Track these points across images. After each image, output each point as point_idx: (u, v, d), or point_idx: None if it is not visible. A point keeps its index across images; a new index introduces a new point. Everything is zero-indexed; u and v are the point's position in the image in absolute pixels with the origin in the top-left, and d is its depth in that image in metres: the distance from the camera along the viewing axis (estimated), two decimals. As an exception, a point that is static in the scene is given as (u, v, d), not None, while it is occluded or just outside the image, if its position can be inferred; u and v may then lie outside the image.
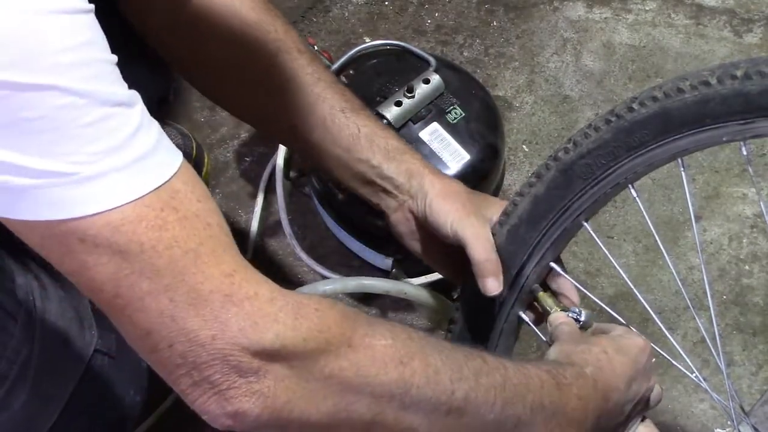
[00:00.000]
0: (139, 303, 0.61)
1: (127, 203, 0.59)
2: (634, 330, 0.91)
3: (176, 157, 0.63)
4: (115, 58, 0.61)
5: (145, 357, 0.64)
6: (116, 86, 0.60)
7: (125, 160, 0.59)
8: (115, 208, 0.59)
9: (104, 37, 0.60)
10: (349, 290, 1.12)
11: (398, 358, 0.69)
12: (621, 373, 0.83)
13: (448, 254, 0.95)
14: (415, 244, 0.99)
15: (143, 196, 0.60)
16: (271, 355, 0.63)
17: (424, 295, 1.12)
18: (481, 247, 0.90)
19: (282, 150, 1.37)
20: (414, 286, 1.13)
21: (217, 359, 0.62)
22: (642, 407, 0.87)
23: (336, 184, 1.24)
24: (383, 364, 0.68)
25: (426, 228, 0.96)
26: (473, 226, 0.91)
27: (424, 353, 0.71)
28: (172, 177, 0.61)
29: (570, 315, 0.90)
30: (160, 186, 0.61)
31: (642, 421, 0.88)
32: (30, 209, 0.58)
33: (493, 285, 0.89)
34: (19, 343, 0.86)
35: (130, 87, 0.61)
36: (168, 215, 0.61)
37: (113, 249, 0.59)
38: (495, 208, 0.94)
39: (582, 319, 0.90)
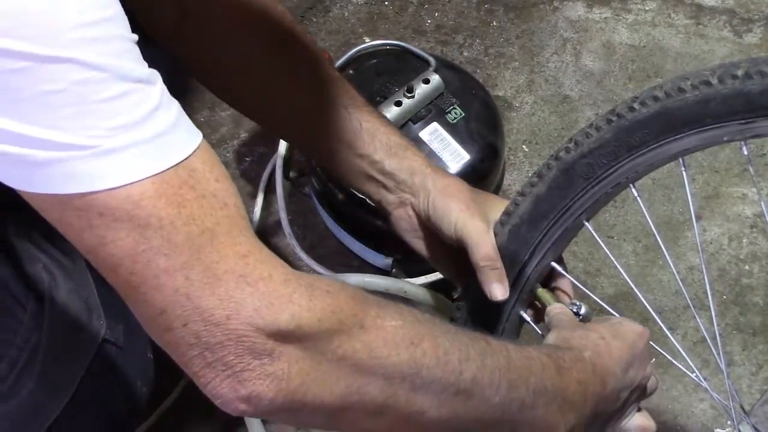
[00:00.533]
0: (155, 281, 0.61)
1: (147, 177, 0.59)
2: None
3: (196, 136, 0.63)
4: (135, 37, 0.61)
5: (158, 338, 0.63)
6: (137, 63, 0.60)
7: (145, 136, 0.59)
8: (136, 182, 0.59)
9: (125, 15, 0.60)
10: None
11: (409, 338, 0.69)
12: (618, 358, 0.83)
13: (450, 253, 0.95)
14: (416, 242, 0.99)
15: (163, 171, 0.60)
16: (285, 336, 0.63)
17: (424, 294, 1.12)
18: (485, 253, 0.90)
19: (282, 150, 1.37)
20: (414, 285, 1.13)
21: (231, 340, 0.61)
22: (638, 395, 0.87)
23: (337, 182, 1.24)
24: (395, 345, 0.68)
25: (428, 226, 0.96)
26: (477, 228, 0.91)
27: (432, 334, 0.71)
28: (191, 155, 0.61)
29: (570, 308, 0.91)
30: (179, 163, 0.60)
31: (638, 411, 0.88)
32: (50, 183, 0.58)
33: (498, 291, 0.89)
34: (28, 330, 0.86)
35: None
36: (186, 192, 0.61)
37: (133, 223, 0.59)
38: (499, 208, 0.94)
39: (582, 312, 0.90)
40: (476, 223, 0.91)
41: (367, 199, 1.00)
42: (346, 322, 0.66)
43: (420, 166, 0.96)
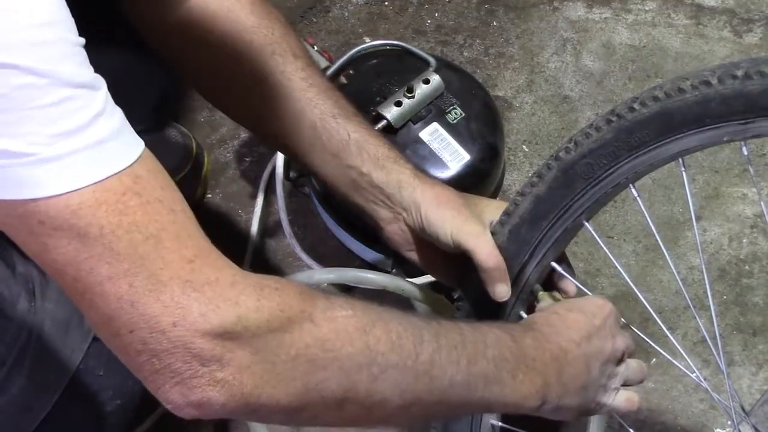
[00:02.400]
0: (99, 288, 0.61)
1: (86, 186, 0.59)
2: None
3: (139, 145, 0.63)
4: (82, 40, 0.60)
5: (107, 342, 0.63)
6: (80, 68, 0.60)
7: (86, 143, 0.59)
8: (74, 191, 0.59)
9: (71, 17, 0.60)
10: (346, 281, 1.12)
11: (361, 327, 0.69)
12: (574, 327, 0.82)
13: (448, 260, 0.95)
14: (412, 255, 0.99)
15: (103, 179, 0.59)
16: (234, 340, 0.62)
17: (421, 293, 1.12)
18: (487, 254, 0.89)
19: (282, 150, 1.37)
20: (411, 284, 1.13)
21: (178, 347, 0.61)
22: (614, 369, 0.85)
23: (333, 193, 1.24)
24: (347, 336, 0.68)
25: (423, 237, 0.95)
26: (474, 233, 0.91)
27: (384, 320, 0.71)
28: (134, 163, 0.61)
29: None
30: (122, 171, 0.60)
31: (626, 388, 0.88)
32: None
33: (503, 291, 0.89)
34: (18, 328, 0.86)
35: (131, 86, 0.61)
36: (129, 200, 0.61)
37: (72, 232, 0.59)
38: (490, 210, 0.94)
39: None
40: (472, 228, 0.91)
41: (360, 214, 1.00)
42: (295, 320, 0.65)
43: (408, 178, 0.95)
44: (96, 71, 0.62)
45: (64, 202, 0.59)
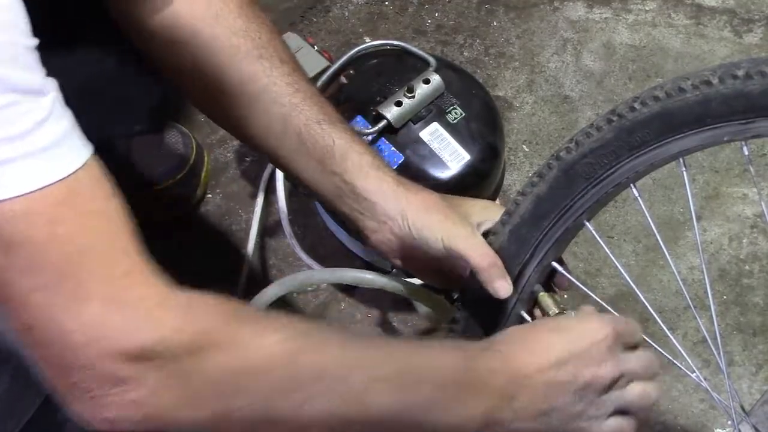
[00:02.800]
0: (20, 299, 0.60)
1: (20, 195, 0.58)
2: (615, 315, 0.87)
3: (83, 153, 0.62)
4: (34, 42, 0.59)
5: (24, 350, 0.63)
6: (28, 73, 0.59)
7: (25, 150, 0.58)
8: (6, 200, 0.58)
9: (24, 18, 0.59)
10: (346, 281, 1.12)
11: (290, 353, 0.68)
12: (544, 350, 0.79)
13: (439, 263, 0.95)
14: (401, 262, 0.98)
15: (41, 188, 0.59)
16: (150, 361, 0.62)
17: (421, 294, 1.12)
18: (480, 255, 0.89)
19: (282, 150, 1.37)
20: (411, 284, 1.13)
21: (90, 366, 0.61)
22: (600, 398, 0.81)
23: (318, 201, 1.23)
24: (273, 361, 0.67)
25: (411, 244, 0.94)
26: (465, 236, 0.90)
27: (319, 345, 0.70)
28: (75, 171, 0.60)
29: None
30: (62, 179, 0.60)
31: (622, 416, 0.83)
32: None
33: (503, 287, 0.88)
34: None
35: (130, 86, 0.61)
36: (63, 211, 0.60)
37: (1, 242, 0.58)
38: (476, 210, 0.93)
39: None
40: (461, 230, 0.90)
41: (346, 222, 0.99)
42: (220, 343, 0.65)
43: (391, 186, 0.94)
44: (95, 71, 0.62)
45: None
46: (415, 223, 0.92)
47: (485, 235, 0.92)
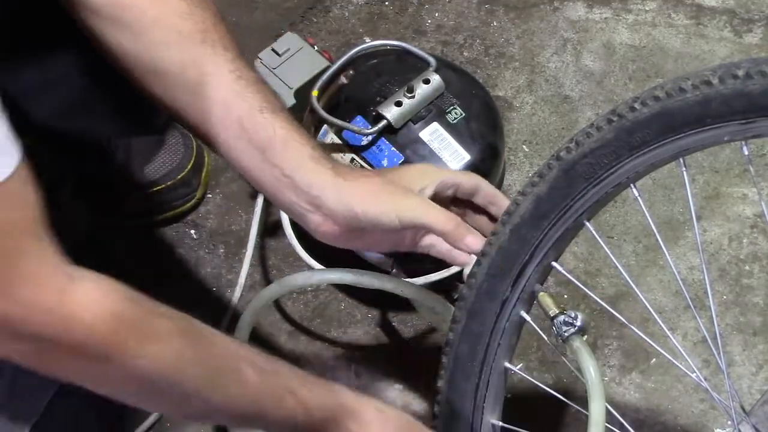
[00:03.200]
0: None
1: None
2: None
3: (12, 160, 0.64)
4: None
5: None
6: None
7: None
8: None
9: None
10: (346, 282, 1.12)
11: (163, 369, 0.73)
12: None
13: (392, 238, 0.96)
14: (349, 245, 0.99)
15: None
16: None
17: (421, 294, 1.12)
18: (442, 221, 0.89)
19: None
20: (411, 285, 1.13)
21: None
22: None
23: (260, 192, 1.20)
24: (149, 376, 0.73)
25: (360, 230, 0.94)
26: (418, 207, 0.91)
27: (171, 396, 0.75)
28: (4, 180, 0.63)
29: (566, 319, 0.90)
30: None
31: None
32: None
33: (473, 242, 0.89)
34: None
35: (131, 88, 0.61)
36: None
37: None
38: (415, 177, 0.94)
39: (578, 323, 0.90)
40: (412, 202, 0.91)
41: (289, 215, 0.98)
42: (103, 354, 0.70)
43: (330, 178, 0.93)
44: (95, 73, 0.62)
45: None
46: (367, 213, 0.92)
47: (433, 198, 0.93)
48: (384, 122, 1.23)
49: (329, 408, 0.82)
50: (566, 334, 0.90)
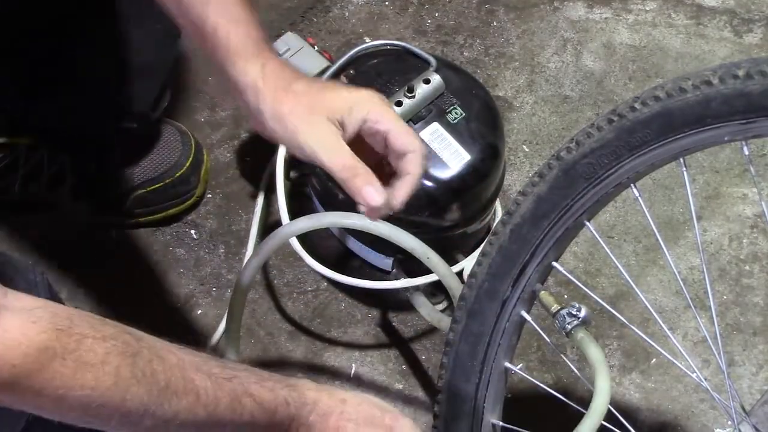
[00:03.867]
0: None
1: None
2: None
3: None
4: None
5: None
6: None
7: None
8: None
9: None
10: (370, 230, 1.11)
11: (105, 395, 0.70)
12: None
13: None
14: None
15: None
16: None
17: (443, 268, 1.11)
18: (335, 165, 0.82)
19: (282, 150, 1.37)
20: (437, 256, 1.12)
21: None
22: None
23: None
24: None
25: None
26: (316, 141, 0.83)
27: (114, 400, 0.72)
28: None
29: (570, 311, 0.90)
30: None
31: None
32: None
33: (373, 194, 0.82)
34: None
35: (128, 84, 0.60)
36: None
37: None
38: (339, 103, 0.84)
39: (581, 315, 0.90)
40: (315, 135, 0.83)
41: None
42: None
43: (253, 80, 0.85)
44: (96, 70, 0.61)
45: None
46: (274, 130, 0.86)
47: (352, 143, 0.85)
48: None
49: (291, 403, 0.81)
50: (569, 326, 0.90)
